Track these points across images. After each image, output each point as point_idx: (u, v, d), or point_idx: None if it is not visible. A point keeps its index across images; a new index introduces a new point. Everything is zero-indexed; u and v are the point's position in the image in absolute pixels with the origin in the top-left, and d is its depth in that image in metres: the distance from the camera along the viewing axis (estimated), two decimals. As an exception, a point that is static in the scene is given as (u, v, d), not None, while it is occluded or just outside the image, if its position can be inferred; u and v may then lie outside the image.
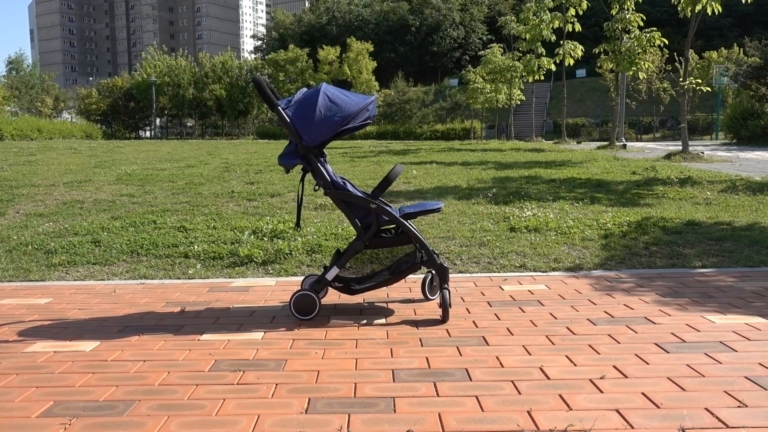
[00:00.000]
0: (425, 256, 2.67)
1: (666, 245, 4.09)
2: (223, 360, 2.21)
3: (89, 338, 2.48)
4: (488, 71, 30.34)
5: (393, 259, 2.77)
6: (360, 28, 70.05)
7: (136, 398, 1.89)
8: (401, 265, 2.74)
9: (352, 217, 2.68)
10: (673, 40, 19.72)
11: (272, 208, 5.79)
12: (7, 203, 6.17)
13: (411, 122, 45.99)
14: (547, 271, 3.59)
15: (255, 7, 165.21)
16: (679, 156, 12.21)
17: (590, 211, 5.41)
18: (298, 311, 2.67)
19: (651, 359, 2.16)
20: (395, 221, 2.66)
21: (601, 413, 1.74)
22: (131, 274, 3.67)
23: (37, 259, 3.99)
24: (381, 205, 2.66)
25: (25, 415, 1.78)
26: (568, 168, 9.85)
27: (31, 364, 2.19)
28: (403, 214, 2.71)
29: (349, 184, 2.72)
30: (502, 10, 61.02)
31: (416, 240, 2.66)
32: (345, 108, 2.60)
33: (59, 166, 10.46)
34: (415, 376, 2.04)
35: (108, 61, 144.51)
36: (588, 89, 48.98)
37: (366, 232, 2.66)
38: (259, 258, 3.87)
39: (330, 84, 2.67)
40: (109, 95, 49.00)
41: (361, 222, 2.67)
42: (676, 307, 2.80)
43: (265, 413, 1.77)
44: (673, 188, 6.91)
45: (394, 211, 2.70)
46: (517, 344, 2.34)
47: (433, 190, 7.00)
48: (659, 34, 16.52)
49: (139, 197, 6.50)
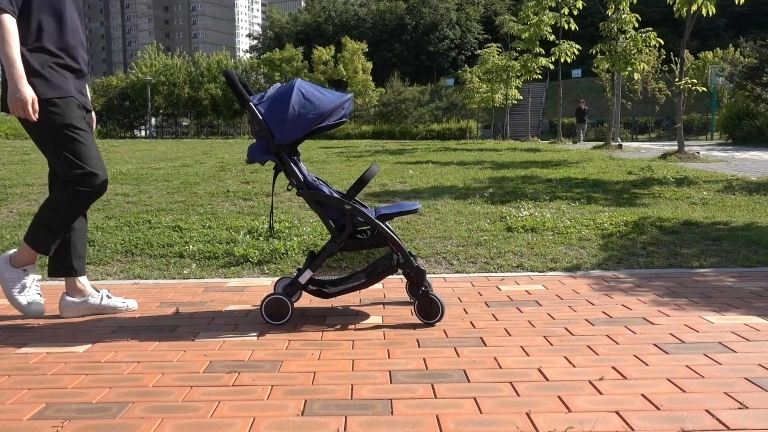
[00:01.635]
0: (401, 259, 2.60)
1: (664, 245, 4.08)
2: (218, 361, 2.19)
3: (82, 339, 2.45)
4: (485, 71, 30.34)
5: (369, 261, 2.71)
6: (356, 28, 70.06)
7: (129, 400, 1.86)
8: (377, 268, 2.67)
9: (325, 218, 2.60)
10: (668, 40, 19.74)
11: (268, 207, 5.76)
12: (0, 202, 6.12)
13: (407, 122, 45.97)
14: (544, 271, 3.57)
15: (251, 6, 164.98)
16: (675, 156, 12.22)
17: (587, 210, 5.40)
18: (270, 316, 2.60)
19: (650, 360, 2.14)
20: (370, 222, 2.58)
21: (601, 415, 1.72)
22: (126, 273, 3.64)
23: (31, 259, 3.95)
24: (355, 206, 2.58)
25: (17, 417, 1.75)
26: (564, 168, 9.85)
27: (24, 365, 2.16)
28: (379, 215, 2.63)
29: (323, 185, 2.66)
30: (499, 10, 61.08)
31: (392, 242, 2.59)
32: (320, 106, 2.51)
33: (54, 165, 10.40)
34: (413, 377, 2.02)
35: (103, 60, 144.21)
36: (584, 89, 49.04)
37: (340, 233, 2.59)
38: (254, 258, 3.84)
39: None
40: (104, 94, 48.81)
41: (336, 223, 2.60)
42: (675, 307, 2.79)
43: (260, 415, 1.75)
44: (669, 188, 6.90)
45: (370, 212, 2.64)
46: (515, 345, 2.32)
47: (429, 189, 6.98)
48: (655, 34, 16.53)
49: (134, 196, 6.47)
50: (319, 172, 9.04)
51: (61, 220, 2.65)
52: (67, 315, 2.77)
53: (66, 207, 2.64)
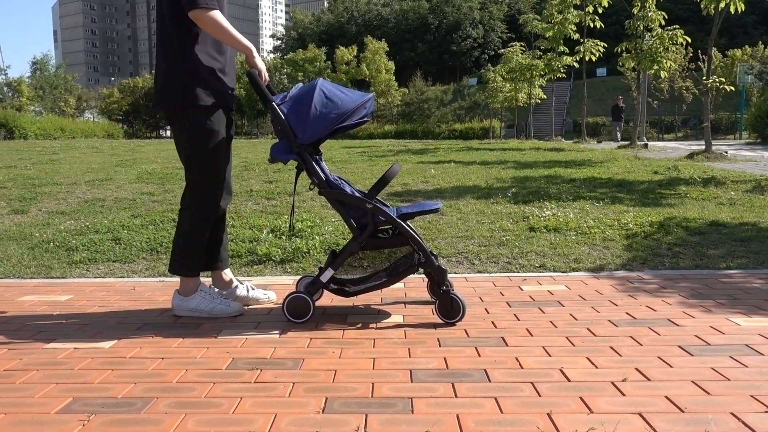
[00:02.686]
0: (423, 258, 2.60)
1: (690, 246, 4.02)
2: (241, 358, 2.21)
3: (108, 335, 2.49)
4: (508, 70, 30.14)
5: (390, 260, 2.71)
6: (379, 27, 70.12)
7: (153, 395, 1.89)
8: (398, 267, 2.67)
9: (347, 217, 2.62)
10: (695, 38, 19.44)
11: (290, 206, 5.79)
12: (30, 201, 6.25)
13: (429, 121, 45.92)
14: (567, 271, 3.55)
15: (274, 7, 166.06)
16: (702, 155, 12.01)
17: (611, 211, 5.34)
18: (292, 314, 2.62)
19: (674, 362, 2.11)
20: (392, 222, 2.59)
21: (623, 416, 1.71)
22: (150, 271, 3.69)
23: (59, 257, 4.03)
24: (377, 205, 2.59)
25: (45, 411, 1.79)
26: (588, 167, 9.74)
27: (52, 360, 2.21)
28: (401, 214, 2.64)
29: (346, 184, 2.67)
30: (522, 9, 60.60)
31: (413, 241, 2.58)
32: (341, 105, 2.53)
33: (81, 164, 10.59)
34: (433, 376, 2.02)
35: (129, 61, 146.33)
36: (609, 88, 48.48)
37: (362, 233, 2.60)
38: (277, 257, 3.87)
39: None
40: (130, 95, 49.59)
41: (357, 222, 2.61)
42: (701, 309, 2.75)
43: (282, 412, 1.76)
44: (696, 188, 6.79)
45: (391, 211, 2.65)
46: (536, 345, 2.30)
47: (451, 189, 6.96)
48: (682, 31, 16.28)
49: (159, 195, 6.55)
50: (342, 171, 9.07)
51: (195, 237, 2.72)
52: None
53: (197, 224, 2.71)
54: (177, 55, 2.58)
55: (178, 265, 2.73)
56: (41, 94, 49.89)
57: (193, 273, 2.73)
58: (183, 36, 2.57)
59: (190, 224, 2.70)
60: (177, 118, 2.64)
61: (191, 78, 2.57)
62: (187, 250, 2.72)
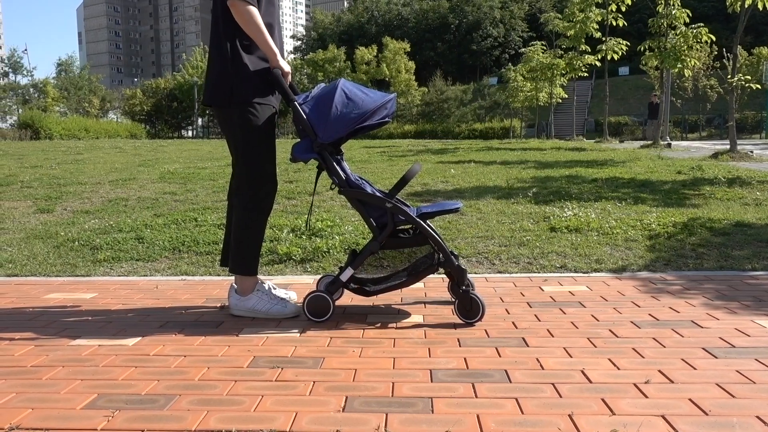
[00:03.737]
0: (442, 258, 2.59)
1: (714, 247, 3.97)
2: (262, 357, 2.23)
3: (132, 333, 2.53)
4: (529, 69, 29.96)
5: (410, 260, 2.71)
6: (399, 27, 70.09)
7: (176, 393, 1.91)
8: (418, 267, 2.67)
9: (367, 216, 2.62)
10: (720, 35, 19.11)
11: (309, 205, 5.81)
12: (55, 200, 6.36)
13: (449, 121, 45.80)
14: (588, 272, 3.52)
15: (294, 8, 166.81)
16: (726, 155, 11.83)
17: (634, 211, 5.28)
18: (312, 313, 2.63)
19: (698, 364, 2.08)
20: (411, 221, 2.59)
21: (646, 419, 1.69)
22: (173, 270, 3.73)
23: (84, 255, 4.09)
24: (397, 204, 2.59)
25: (71, 406, 1.82)
26: (610, 167, 9.65)
27: (77, 357, 2.24)
28: (420, 213, 2.64)
29: (366, 184, 2.68)
30: (543, 7, 60.19)
31: (433, 241, 2.58)
32: (362, 105, 2.54)
33: (105, 164, 10.74)
34: (453, 376, 2.01)
35: (152, 62, 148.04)
36: (631, 87, 47.97)
37: (381, 232, 2.61)
38: (297, 256, 3.89)
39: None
40: (152, 95, 50.17)
41: (377, 222, 2.62)
42: (725, 310, 2.71)
43: (302, 410, 1.77)
44: (720, 188, 6.69)
45: (411, 211, 2.65)
46: (557, 346, 2.29)
47: (471, 189, 6.94)
48: (706, 30, 16.04)
49: (181, 195, 6.62)
50: (362, 171, 9.09)
51: (252, 233, 2.73)
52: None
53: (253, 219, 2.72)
54: (229, 56, 2.62)
55: (238, 263, 2.73)
56: (66, 95, 50.70)
57: (253, 271, 2.74)
58: (235, 39, 2.62)
59: (247, 221, 2.71)
60: (228, 116, 2.67)
61: (241, 78, 2.61)
62: (246, 247, 2.72)
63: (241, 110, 2.63)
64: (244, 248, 2.73)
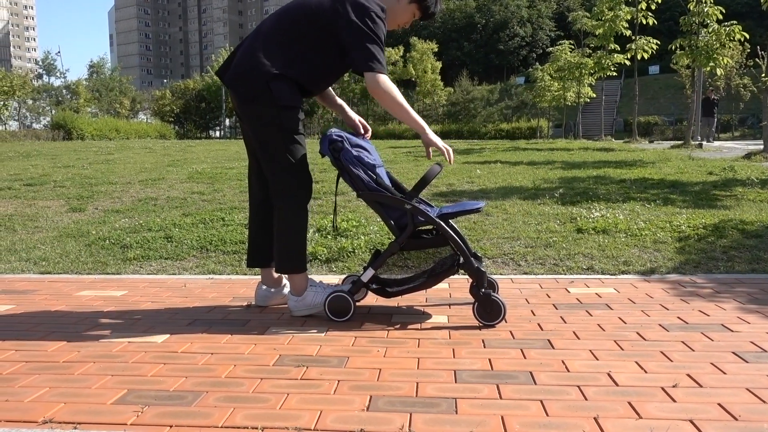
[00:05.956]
0: (462, 259, 2.58)
1: (746, 249, 3.89)
2: (287, 355, 2.25)
3: (161, 330, 2.57)
4: (556, 68, 29.64)
5: (431, 261, 2.71)
6: (425, 27, 69.88)
7: (204, 389, 1.94)
8: (439, 268, 2.67)
9: (386, 218, 2.63)
10: (754, 33, 18.73)
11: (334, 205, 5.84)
12: (87, 200, 6.49)
13: (475, 121, 45.57)
14: (616, 274, 3.48)
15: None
16: (760, 156, 11.57)
17: (663, 212, 5.20)
18: (333, 312, 2.65)
19: (728, 368, 2.05)
20: (431, 222, 2.58)
21: (673, 423, 1.67)
22: (201, 269, 3.79)
23: (114, 253, 4.17)
24: (416, 205, 2.59)
25: (101, 401, 1.86)
26: (639, 168, 9.51)
27: (107, 353, 2.29)
28: (441, 214, 2.63)
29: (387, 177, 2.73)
30: (572, 6, 59.54)
31: (452, 242, 2.57)
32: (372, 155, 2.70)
33: (135, 164, 10.92)
34: (478, 377, 2.01)
35: (181, 63, 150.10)
36: (661, 86, 47.23)
37: (402, 233, 2.61)
38: (322, 256, 3.91)
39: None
40: (181, 96, 50.81)
41: (397, 223, 2.62)
42: (757, 314, 2.65)
43: (327, 409, 1.79)
44: (753, 189, 6.55)
45: (434, 211, 2.65)
46: (583, 348, 2.27)
47: (497, 189, 6.90)
48: (740, 27, 15.70)
49: (209, 195, 6.71)
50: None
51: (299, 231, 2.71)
52: (262, 304, 2.91)
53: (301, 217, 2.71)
54: (281, 60, 2.56)
55: (285, 264, 2.70)
56: (97, 96, 51.62)
57: (303, 268, 2.71)
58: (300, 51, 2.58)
59: (290, 219, 2.68)
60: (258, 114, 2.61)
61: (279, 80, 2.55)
62: (294, 244, 2.68)
63: (281, 112, 2.58)
64: (292, 246, 2.69)
